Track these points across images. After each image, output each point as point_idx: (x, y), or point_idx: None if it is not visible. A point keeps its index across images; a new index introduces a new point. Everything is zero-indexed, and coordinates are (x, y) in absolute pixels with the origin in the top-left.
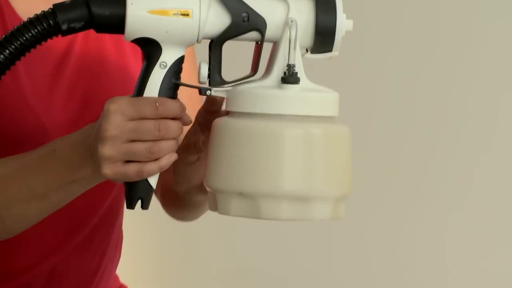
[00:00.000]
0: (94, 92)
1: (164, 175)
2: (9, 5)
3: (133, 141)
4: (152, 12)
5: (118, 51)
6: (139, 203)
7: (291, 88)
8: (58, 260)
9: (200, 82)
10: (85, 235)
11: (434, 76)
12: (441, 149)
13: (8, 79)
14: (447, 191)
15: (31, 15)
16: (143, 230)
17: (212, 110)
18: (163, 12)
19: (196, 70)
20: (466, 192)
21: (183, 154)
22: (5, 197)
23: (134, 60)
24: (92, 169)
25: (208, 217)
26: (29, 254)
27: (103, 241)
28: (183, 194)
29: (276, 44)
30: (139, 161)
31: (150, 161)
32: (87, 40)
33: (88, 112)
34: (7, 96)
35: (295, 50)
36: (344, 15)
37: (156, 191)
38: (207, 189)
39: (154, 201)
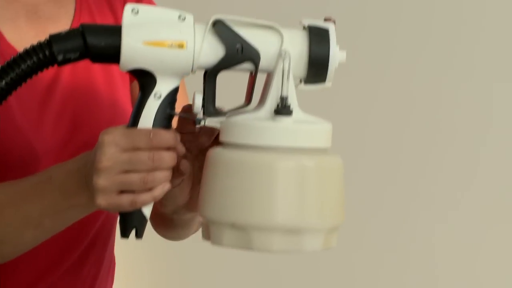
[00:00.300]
0: (82, 117)
1: None
2: (2, 38)
3: (127, 171)
4: (147, 43)
5: (106, 75)
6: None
7: (284, 120)
8: (52, 282)
9: (194, 113)
10: (78, 256)
11: (426, 105)
12: (431, 171)
13: None
14: (437, 211)
15: (21, 43)
16: (136, 257)
17: (184, 131)
18: (157, 44)
19: (184, 98)
20: (457, 206)
21: None
22: (0, 224)
23: (122, 84)
24: (88, 197)
25: (203, 243)
26: (23, 275)
27: (96, 264)
28: (171, 215)
29: (270, 75)
30: (133, 192)
31: (144, 191)
32: (74, 66)
33: (77, 136)
34: None
35: (288, 82)
36: (338, 47)
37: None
38: (201, 218)
39: (148, 226)
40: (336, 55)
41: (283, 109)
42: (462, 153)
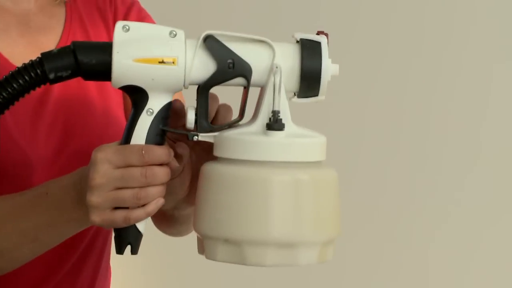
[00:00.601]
0: (75, 126)
1: None
2: None
3: (120, 188)
4: (138, 60)
5: (99, 84)
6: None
7: (276, 134)
8: None
9: (187, 128)
10: (75, 262)
11: (421, 116)
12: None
13: None
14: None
15: (12, 54)
16: (132, 265)
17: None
18: (148, 61)
19: None
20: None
21: None
22: None
23: (115, 93)
24: (84, 212)
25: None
26: (20, 283)
27: (93, 269)
28: (171, 210)
29: (262, 89)
30: (127, 208)
31: (138, 207)
32: None
33: (69, 145)
34: None
35: (280, 96)
36: (330, 60)
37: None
38: (196, 234)
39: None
40: (329, 68)
41: (275, 123)
42: (456, 162)
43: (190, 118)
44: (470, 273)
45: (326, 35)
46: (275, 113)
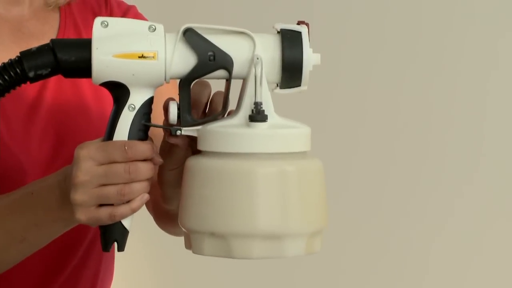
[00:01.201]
0: (69, 130)
1: (153, 193)
2: None
3: (104, 185)
4: (117, 56)
5: (95, 87)
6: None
7: (259, 126)
8: None
9: (170, 121)
10: (74, 267)
11: (417, 106)
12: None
13: None
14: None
15: (5, 60)
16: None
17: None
18: (128, 56)
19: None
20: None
21: (164, 161)
22: None
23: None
24: (70, 211)
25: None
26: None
27: (93, 275)
28: (175, 209)
29: (244, 81)
30: (112, 205)
31: (122, 203)
32: (60, 79)
33: (63, 150)
34: None
35: (261, 87)
36: (311, 50)
37: (149, 210)
38: (182, 228)
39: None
40: (310, 58)
41: (257, 115)
42: (457, 161)
43: (173, 112)
44: (471, 276)
45: (307, 24)
46: (257, 105)
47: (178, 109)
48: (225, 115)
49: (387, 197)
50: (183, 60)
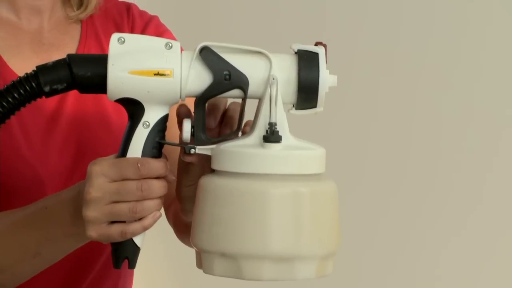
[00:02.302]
0: (89, 143)
1: (173, 206)
2: (4, 64)
3: (116, 202)
4: (133, 72)
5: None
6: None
7: (273, 146)
8: None
9: (183, 139)
10: (94, 277)
11: (427, 125)
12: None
13: (1, 132)
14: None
15: (26, 71)
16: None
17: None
18: (143, 73)
19: None
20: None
21: (181, 177)
22: None
23: None
24: (82, 227)
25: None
26: None
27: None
28: None
29: (260, 101)
30: (124, 222)
31: (134, 221)
32: None
33: (83, 161)
34: (1, 148)
35: (276, 108)
36: (327, 71)
37: (169, 222)
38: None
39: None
40: (326, 79)
41: (271, 135)
42: (470, 167)
43: (186, 130)
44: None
45: (325, 45)
46: (271, 125)
47: (192, 127)
48: (239, 134)
49: (394, 207)
50: (199, 78)
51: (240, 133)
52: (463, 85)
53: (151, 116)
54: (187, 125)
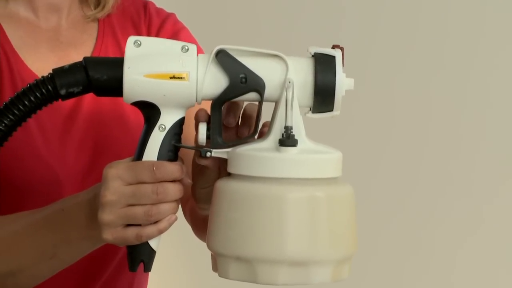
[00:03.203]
0: (107, 141)
1: (190, 202)
2: (21, 63)
3: (132, 205)
4: (149, 76)
5: None
6: None
7: (288, 150)
8: None
9: (198, 143)
10: (109, 276)
11: (441, 132)
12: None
13: (19, 132)
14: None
15: (43, 70)
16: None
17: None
18: (159, 76)
19: None
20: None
21: (197, 179)
22: (15, 255)
23: None
24: (98, 230)
25: None
26: None
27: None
28: None
29: (276, 104)
30: (139, 225)
31: (150, 224)
32: None
33: (100, 161)
34: (19, 148)
35: (292, 111)
36: (344, 74)
37: (187, 219)
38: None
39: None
40: (343, 83)
41: (287, 139)
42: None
43: (202, 133)
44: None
45: (342, 49)
46: (287, 129)
47: (208, 130)
48: (256, 137)
49: (409, 211)
50: (215, 81)
51: (256, 136)
52: (479, 87)
53: (167, 119)
54: (202, 128)
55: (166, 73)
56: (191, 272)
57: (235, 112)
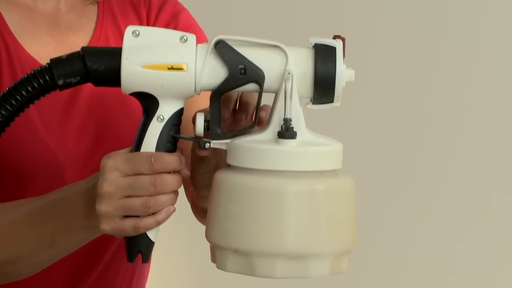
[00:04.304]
0: (108, 124)
1: (190, 190)
2: (20, 48)
3: (129, 196)
4: (146, 66)
5: None
6: None
7: (287, 143)
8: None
9: (196, 134)
10: (107, 263)
11: (442, 123)
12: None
13: (19, 116)
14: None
15: (42, 54)
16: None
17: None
18: (157, 67)
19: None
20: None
21: (196, 166)
22: (15, 243)
23: None
24: (97, 220)
25: None
26: (53, 284)
27: (130, 272)
28: None
29: (275, 96)
30: (137, 216)
31: (148, 215)
32: None
33: (102, 144)
34: (19, 132)
35: (291, 103)
36: (344, 66)
37: (189, 201)
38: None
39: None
40: (343, 74)
41: (286, 131)
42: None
43: (199, 124)
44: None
45: (343, 39)
46: (286, 121)
47: (207, 121)
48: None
49: (408, 204)
50: (214, 72)
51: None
52: (480, 82)
53: (166, 110)
54: (200, 119)
55: (164, 64)
56: (193, 262)
57: (228, 105)
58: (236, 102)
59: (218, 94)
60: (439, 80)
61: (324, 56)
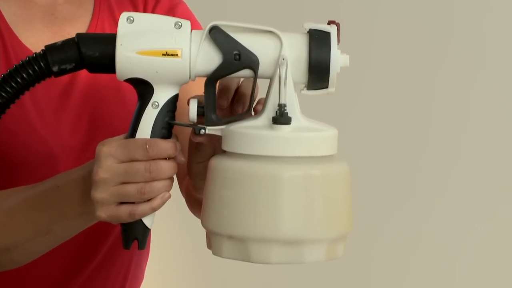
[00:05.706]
0: (103, 115)
1: (185, 182)
2: (15, 39)
3: (125, 183)
4: (141, 53)
5: None
6: None
7: (282, 128)
8: (82, 281)
9: (190, 120)
10: (106, 254)
11: (440, 110)
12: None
13: (13, 107)
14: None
15: (38, 45)
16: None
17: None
18: (151, 53)
19: None
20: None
21: (192, 154)
22: (10, 231)
23: None
24: (93, 207)
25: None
26: (51, 273)
27: (127, 264)
28: None
29: (270, 81)
30: (133, 203)
31: (143, 202)
32: None
33: (97, 135)
34: (13, 123)
35: (286, 89)
36: (339, 51)
37: (183, 194)
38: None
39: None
40: (338, 59)
41: (280, 117)
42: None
43: (193, 110)
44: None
45: (337, 24)
46: (281, 107)
47: (201, 107)
48: (252, 114)
49: (410, 194)
50: (208, 58)
51: (252, 113)
52: (487, 82)
53: (161, 96)
54: (193, 105)
55: (158, 50)
56: (191, 249)
57: (227, 95)
58: (235, 93)
59: (213, 80)
60: (444, 81)
61: (318, 42)
